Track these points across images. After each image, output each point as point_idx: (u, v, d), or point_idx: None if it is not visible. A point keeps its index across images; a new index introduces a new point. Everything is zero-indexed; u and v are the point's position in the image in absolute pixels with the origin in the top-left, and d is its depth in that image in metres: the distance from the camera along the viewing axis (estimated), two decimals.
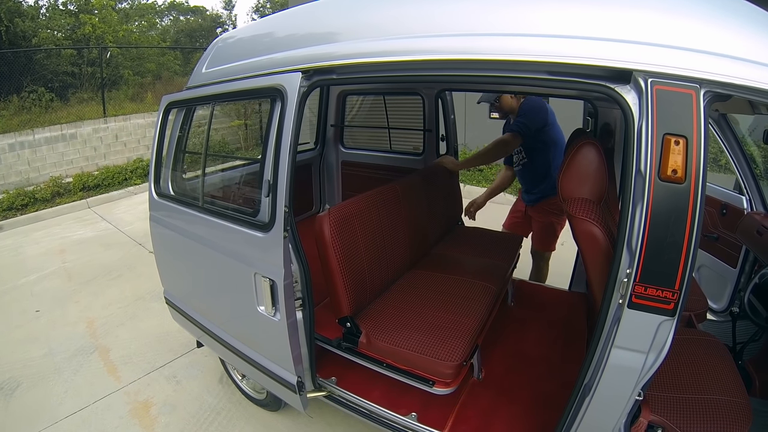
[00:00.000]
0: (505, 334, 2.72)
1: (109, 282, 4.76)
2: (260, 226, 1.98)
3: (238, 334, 2.44)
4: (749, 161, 2.83)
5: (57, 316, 4.12)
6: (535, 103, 3.11)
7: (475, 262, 2.91)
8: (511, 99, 3.17)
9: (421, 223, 2.92)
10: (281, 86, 1.86)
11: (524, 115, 3.06)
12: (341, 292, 2.14)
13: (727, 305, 2.91)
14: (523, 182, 3.42)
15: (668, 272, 1.25)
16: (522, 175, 3.37)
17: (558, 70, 1.38)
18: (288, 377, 2.16)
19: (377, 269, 2.39)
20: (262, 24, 2.50)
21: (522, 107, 3.11)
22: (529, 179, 3.34)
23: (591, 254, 1.61)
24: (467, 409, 2.17)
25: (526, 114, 3.05)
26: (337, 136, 4.21)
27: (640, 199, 1.25)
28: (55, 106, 9.85)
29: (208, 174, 2.50)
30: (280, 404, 2.72)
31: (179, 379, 3.18)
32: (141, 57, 13.48)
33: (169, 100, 2.65)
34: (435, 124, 3.66)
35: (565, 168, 1.70)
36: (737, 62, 1.16)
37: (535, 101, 3.12)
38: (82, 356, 3.49)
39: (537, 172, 3.25)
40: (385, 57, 1.64)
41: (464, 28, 1.51)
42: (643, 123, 1.24)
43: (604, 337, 1.41)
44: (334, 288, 2.14)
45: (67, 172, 8.73)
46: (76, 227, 6.69)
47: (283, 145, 1.84)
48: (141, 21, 16.52)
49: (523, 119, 3.03)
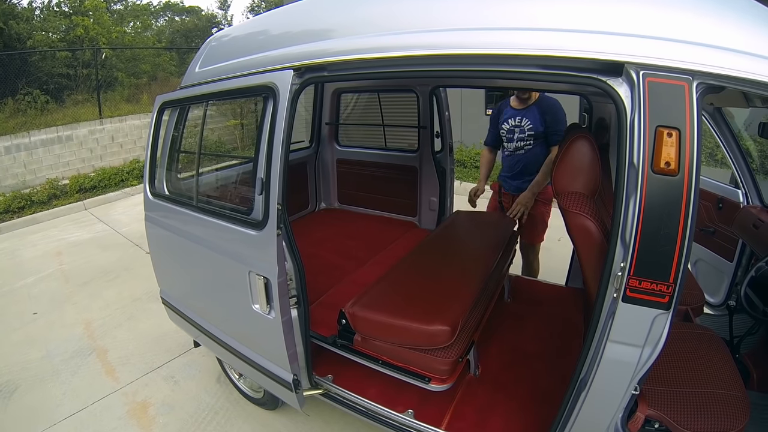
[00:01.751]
0: (501, 330, 2.72)
1: (107, 283, 4.75)
2: (254, 224, 1.97)
3: (235, 333, 2.43)
4: (745, 155, 2.83)
5: (55, 318, 4.11)
6: (554, 103, 3.21)
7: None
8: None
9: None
10: (273, 84, 1.86)
11: (556, 121, 3.17)
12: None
13: (724, 299, 2.91)
14: (516, 168, 3.38)
15: (662, 265, 1.24)
16: (519, 160, 3.34)
17: (549, 63, 1.37)
18: (284, 375, 2.16)
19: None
20: (254, 22, 2.49)
21: (550, 104, 3.19)
22: (524, 166, 3.33)
23: (585, 248, 1.61)
24: (464, 406, 2.16)
25: (559, 120, 3.17)
26: (332, 135, 4.21)
27: (633, 191, 1.25)
28: (51, 108, 9.80)
29: (202, 173, 2.49)
30: (277, 403, 2.73)
31: (177, 379, 3.18)
32: (136, 58, 13.42)
33: (163, 100, 2.64)
34: (430, 120, 3.65)
35: (559, 162, 1.70)
36: (730, 53, 1.16)
37: (552, 103, 3.21)
38: (80, 358, 3.49)
39: (538, 159, 3.26)
40: (376, 53, 1.64)
41: (456, 23, 1.51)
42: (636, 115, 1.23)
43: (599, 332, 1.41)
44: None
45: (64, 174, 8.71)
46: (73, 229, 6.68)
47: (276, 142, 1.83)
48: (136, 22, 16.45)
49: (559, 126, 3.14)
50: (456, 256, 2.61)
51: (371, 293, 2.21)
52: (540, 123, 3.18)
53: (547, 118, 3.16)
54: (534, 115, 3.19)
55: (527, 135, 3.23)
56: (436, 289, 2.21)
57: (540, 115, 3.18)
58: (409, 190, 3.85)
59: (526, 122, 3.22)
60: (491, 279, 2.52)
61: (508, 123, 3.30)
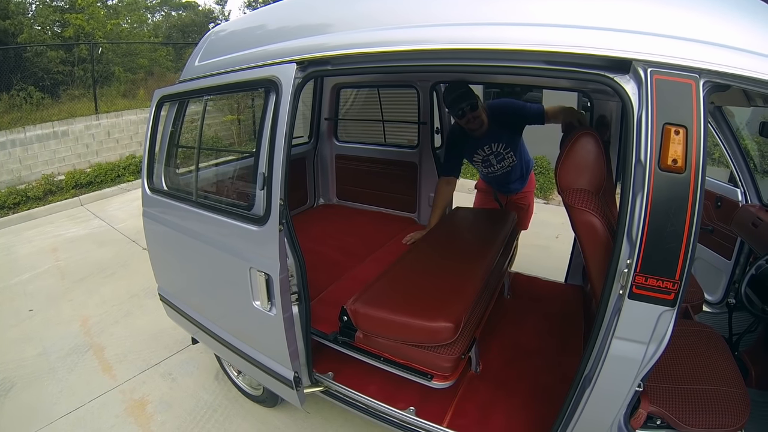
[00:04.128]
0: (502, 326, 2.72)
1: (103, 280, 4.72)
2: (255, 220, 1.95)
3: (234, 330, 2.41)
4: (744, 154, 2.84)
5: (51, 315, 4.08)
6: (501, 104, 3.07)
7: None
8: (483, 111, 2.89)
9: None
10: (276, 77, 1.84)
11: (517, 113, 2.97)
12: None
13: (722, 297, 2.93)
14: (508, 182, 3.32)
15: (669, 262, 1.24)
16: (508, 173, 3.23)
17: (556, 59, 1.36)
18: (285, 373, 2.15)
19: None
20: (255, 16, 2.47)
21: (502, 108, 3.03)
22: (516, 176, 3.29)
23: (590, 245, 1.60)
24: (466, 403, 2.16)
25: (516, 108, 2.99)
26: (331, 130, 4.19)
27: (640, 189, 1.25)
28: (47, 103, 9.70)
29: (201, 168, 2.47)
30: (276, 400, 2.71)
31: (175, 376, 3.16)
32: (132, 53, 13.31)
33: (162, 94, 2.62)
34: (430, 116, 3.64)
35: (564, 158, 1.69)
36: (736, 52, 1.16)
37: (499, 104, 3.08)
38: (76, 355, 3.46)
39: (522, 164, 3.24)
40: (380, 47, 1.62)
41: (460, 18, 1.49)
42: (643, 113, 1.23)
43: (604, 329, 1.41)
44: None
45: (60, 170, 8.63)
46: (69, 225, 6.62)
47: (278, 137, 1.81)
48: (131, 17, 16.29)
49: (523, 110, 2.97)
50: (457, 253, 2.59)
51: (373, 290, 2.20)
52: (509, 134, 3.02)
53: (510, 120, 2.99)
54: (498, 133, 2.99)
55: (506, 154, 3.08)
56: (437, 286, 2.20)
57: (503, 127, 2.98)
58: (408, 186, 3.83)
59: (499, 145, 3.04)
60: (492, 275, 2.51)
61: (479, 154, 3.10)
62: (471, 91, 2.79)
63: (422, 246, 2.78)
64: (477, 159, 3.15)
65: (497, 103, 3.13)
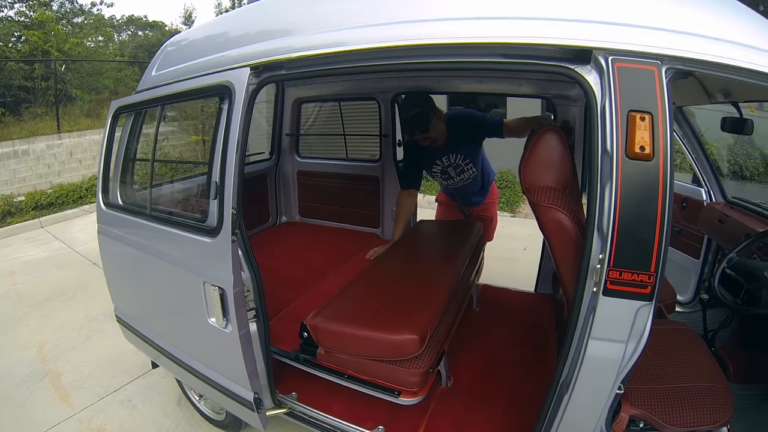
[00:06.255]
0: (472, 338, 2.65)
1: (62, 303, 4.50)
2: (208, 231, 1.85)
3: (192, 351, 2.28)
4: (707, 153, 2.89)
5: (6, 340, 3.85)
6: (458, 114, 3.06)
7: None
8: (440, 121, 2.82)
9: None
10: (229, 83, 1.78)
11: (476, 124, 2.92)
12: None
13: (694, 296, 2.97)
14: (470, 194, 3.28)
15: (643, 254, 1.20)
16: (470, 187, 3.18)
17: (514, 51, 1.33)
18: (245, 394, 2.02)
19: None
20: (212, 24, 2.43)
21: (460, 118, 2.97)
22: (479, 187, 3.25)
23: (559, 243, 1.55)
24: (438, 418, 2.07)
25: (476, 118, 2.94)
26: (293, 146, 4.10)
27: (608, 179, 1.21)
28: (7, 120, 9.40)
29: (158, 184, 2.36)
30: (240, 425, 2.56)
31: (135, 403, 2.98)
32: (97, 72, 13.04)
33: (118, 105, 2.55)
34: (392, 129, 3.59)
35: (528, 156, 1.64)
36: (695, 38, 1.17)
37: (456, 114, 3.06)
38: (32, 382, 3.25)
39: (483, 175, 3.21)
40: (333, 48, 1.57)
41: (416, 15, 1.46)
42: (607, 101, 1.21)
43: (579, 330, 1.35)
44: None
45: (19, 191, 8.31)
46: (28, 248, 6.35)
47: (231, 144, 1.73)
48: (97, 33, 15.99)
49: (483, 121, 2.92)
50: (422, 264, 2.53)
51: (334, 304, 2.11)
52: (467, 145, 2.96)
53: (468, 131, 2.91)
54: (457, 144, 2.93)
55: (466, 165, 3.02)
56: (401, 298, 2.11)
57: (462, 137, 2.91)
58: (371, 200, 3.76)
59: (458, 156, 2.98)
60: (459, 286, 2.45)
61: (438, 165, 3.03)
62: (426, 108, 2.72)
63: (386, 259, 2.71)
64: (436, 170, 3.09)
65: (456, 113, 3.11)
